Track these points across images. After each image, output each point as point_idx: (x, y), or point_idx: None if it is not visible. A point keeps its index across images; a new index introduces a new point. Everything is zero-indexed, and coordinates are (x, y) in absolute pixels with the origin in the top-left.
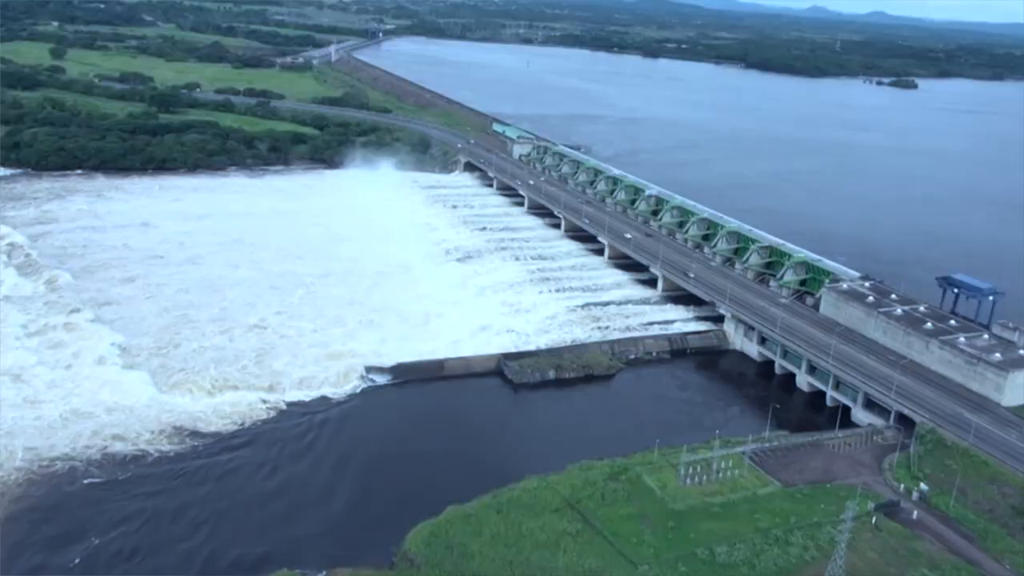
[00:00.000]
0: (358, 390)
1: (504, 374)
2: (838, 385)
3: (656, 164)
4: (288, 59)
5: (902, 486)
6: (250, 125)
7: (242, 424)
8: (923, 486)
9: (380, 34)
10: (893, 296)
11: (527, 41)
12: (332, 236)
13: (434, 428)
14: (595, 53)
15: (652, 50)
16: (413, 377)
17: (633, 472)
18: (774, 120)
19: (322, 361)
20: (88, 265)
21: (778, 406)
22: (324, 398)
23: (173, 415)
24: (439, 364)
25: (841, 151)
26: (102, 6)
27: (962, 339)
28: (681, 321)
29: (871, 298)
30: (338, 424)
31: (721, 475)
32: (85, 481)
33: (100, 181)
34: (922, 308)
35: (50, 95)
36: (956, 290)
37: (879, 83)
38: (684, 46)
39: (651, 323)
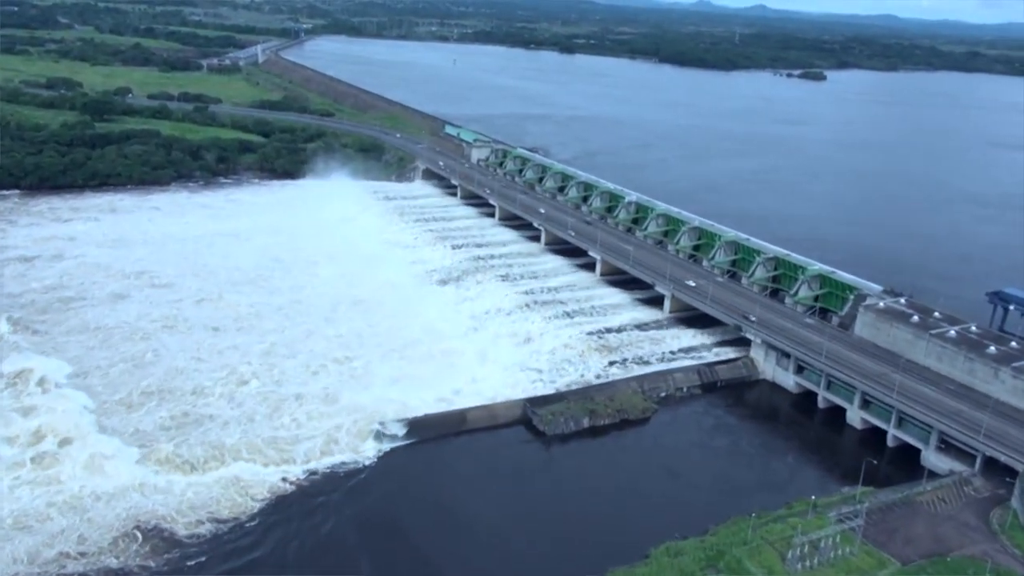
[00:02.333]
0: (373, 456)
1: (532, 423)
2: (901, 422)
3: (616, 166)
4: (215, 61)
5: None
6: (191, 133)
7: (237, 520)
8: None
9: (301, 34)
10: (936, 314)
11: (443, 39)
12: (301, 261)
13: (473, 503)
14: (511, 50)
15: (567, 46)
16: (432, 433)
17: (731, 557)
18: (710, 115)
19: (323, 420)
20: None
21: (874, 462)
22: (335, 471)
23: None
24: (460, 416)
25: (787, 147)
26: (15, 9)
27: None
28: (700, 348)
29: (916, 318)
30: (357, 508)
31: (832, 554)
32: None
33: (51, 202)
34: (974, 328)
35: None
36: (1010, 306)
37: (788, 75)
38: (593, 41)
39: (671, 352)
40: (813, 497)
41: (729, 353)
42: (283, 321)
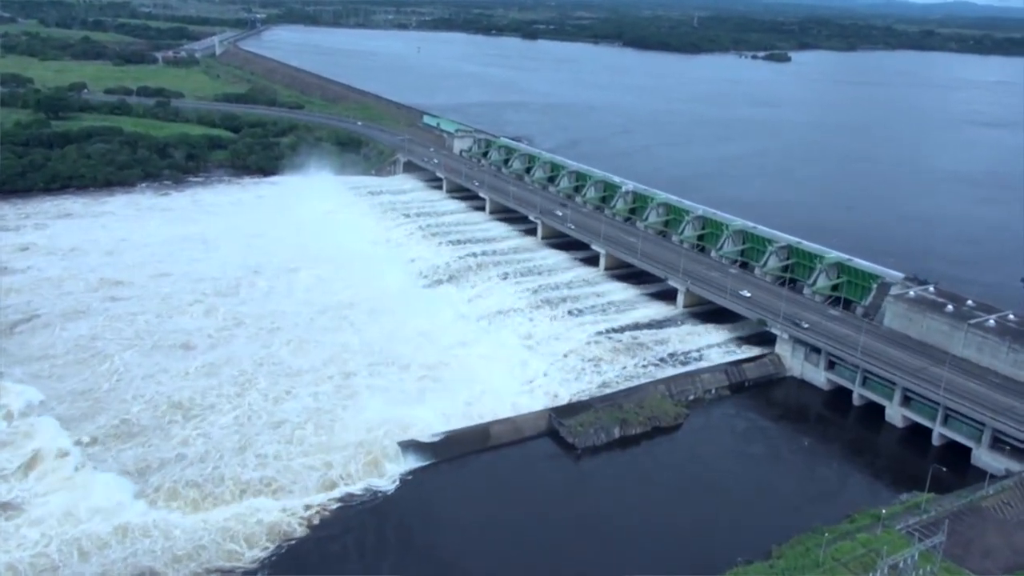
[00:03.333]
0: (394, 480)
1: (559, 435)
2: (947, 420)
3: (602, 155)
4: (170, 53)
5: None
6: (155, 129)
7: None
8: None
9: (258, 24)
10: (970, 302)
11: (402, 26)
12: (281, 266)
13: (508, 533)
14: (473, 36)
15: (529, 32)
16: (456, 452)
17: None
18: (684, 100)
19: (337, 440)
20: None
21: (944, 469)
22: (353, 497)
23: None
24: (484, 431)
25: (769, 131)
26: None
27: None
28: (722, 345)
29: (950, 307)
30: (383, 545)
31: (914, 575)
32: None
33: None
34: (1011, 316)
35: None
36: None
37: (753, 57)
38: (553, 27)
39: (693, 351)
40: (882, 509)
41: (753, 350)
42: (267, 336)
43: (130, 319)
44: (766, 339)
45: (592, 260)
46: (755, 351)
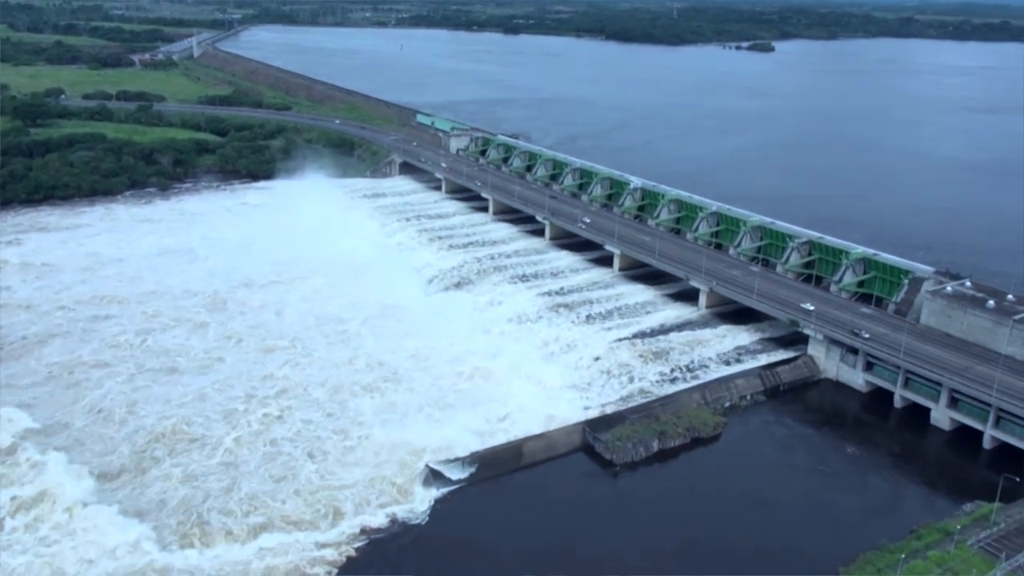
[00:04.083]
0: (428, 505)
1: (595, 450)
2: (999, 421)
3: (603, 150)
4: (147, 56)
5: None
6: (139, 135)
7: None
8: None
9: (235, 24)
10: (1010, 297)
11: (381, 24)
12: (285, 272)
13: (554, 563)
14: (454, 32)
15: (510, 27)
16: (489, 472)
17: None
18: (677, 92)
19: (359, 466)
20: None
21: (1018, 479)
22: (381, 529)
23: None
24: (516, 449)
25: (766, 121)
26: None
27: None
28: (751, 347)
29: (991, 302)
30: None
31: None
32: None
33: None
34: None
35: None
36: None
37: (738, 47)
38: (532, 21)
39: (723, 355)
40: (950, 523)
41: (783, 352)
42: (275, 354)
43: (112, 339)
44: (796, 340)
45: (604, 261)
46: (785, 353)
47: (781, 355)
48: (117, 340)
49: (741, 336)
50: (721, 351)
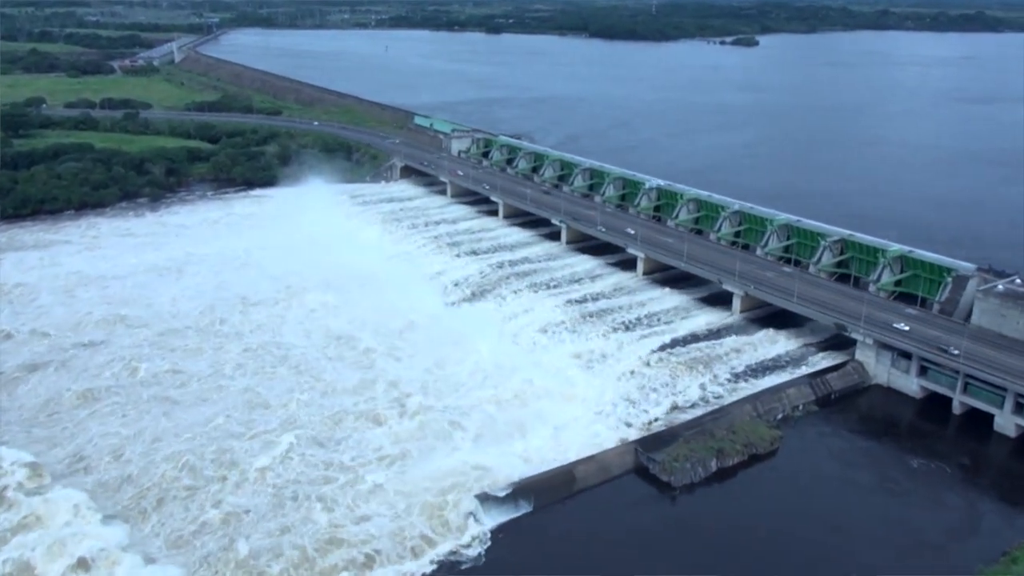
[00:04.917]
0: (478, 540)
1: (649, 471)
2: None
3: (607, 149)
4: (127, 62)
5: None
6: (127, 144)
7: None
8: None
9: (214, 28)
10: None
11: (361, 26)
12: (286, 290)
13: None
14: (436, 33)
15: (492, 26)
16: (542, 501)
17: None
18: (670, 88)
19: (398, 499)
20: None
21: None
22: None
23: None
24: (568, 474)
25: (764, 116)
26: None
27: None
28: (794, 354)
29: None
30: None
31: None
32: None
33: None
34: None
35: None
36: None
37: (722, 42)
38: (512, 20)
39: (764, 361)
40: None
41: (828, 357)
42: (296, 376)
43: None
44: (839, 344)
45: (625, 264)
46: (830, 359)
47: (826, 361)
48: (102, 372)
49: (781, 342)
50: (763, 358)
